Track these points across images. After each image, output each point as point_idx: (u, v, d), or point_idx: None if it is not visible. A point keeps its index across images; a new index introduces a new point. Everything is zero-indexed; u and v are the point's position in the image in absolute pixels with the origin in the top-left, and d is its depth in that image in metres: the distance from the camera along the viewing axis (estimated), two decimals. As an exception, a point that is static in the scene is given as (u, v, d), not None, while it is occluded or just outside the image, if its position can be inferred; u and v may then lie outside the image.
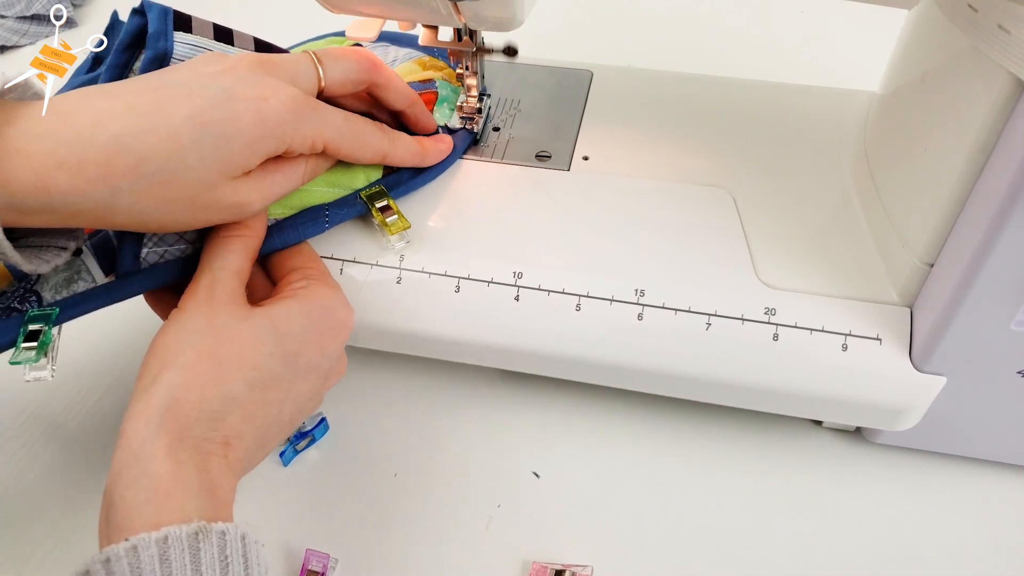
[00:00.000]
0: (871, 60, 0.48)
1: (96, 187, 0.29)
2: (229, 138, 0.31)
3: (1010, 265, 0.31)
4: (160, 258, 0.36)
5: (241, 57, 0.34)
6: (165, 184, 0.30)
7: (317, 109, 0.34)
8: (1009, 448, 0.40)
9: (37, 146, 0.27)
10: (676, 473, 0.42)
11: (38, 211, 0.29)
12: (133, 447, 0.28)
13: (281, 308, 0.33)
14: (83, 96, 0.30)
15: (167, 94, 0.30)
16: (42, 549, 0.39)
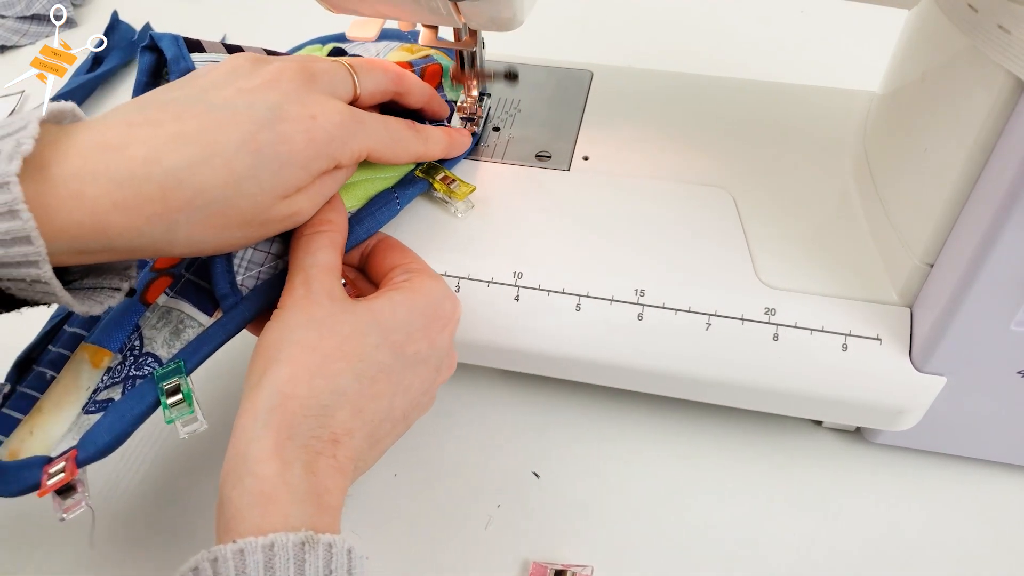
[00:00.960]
0: (871, 60, 0.48)
1: (154, 224, 0.28)
2: (283, 162, 0.31)
3: (1010, 265, 0.31)
4: (257, 280, 0.36)
5: (283, 66, 0.33)
6: (222, 213, 0.30)
7: (362, 122, 0.34)
8: (1009, 448, 0.40)
9: (92, 188, 0.27)
10: (676, 473, 0.42)
11: (98, 251, 0.29)
12: (240, 446, 0.28)
13: (384, 301, 0.33)
14: (127, 124, 0.29)
15: (214, 120, 0.30)
16: (41, 549, 0.39)
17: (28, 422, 0.34)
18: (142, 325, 0.36)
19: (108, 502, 0.41)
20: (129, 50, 0.71)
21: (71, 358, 0.35)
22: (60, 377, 0.35)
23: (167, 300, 0.37)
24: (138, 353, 0.35)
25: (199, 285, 0.37)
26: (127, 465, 0.42)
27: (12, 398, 0.35)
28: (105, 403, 0.34)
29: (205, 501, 0.41)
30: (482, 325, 0.39)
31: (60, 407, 0.34)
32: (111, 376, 0.35)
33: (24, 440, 0.33)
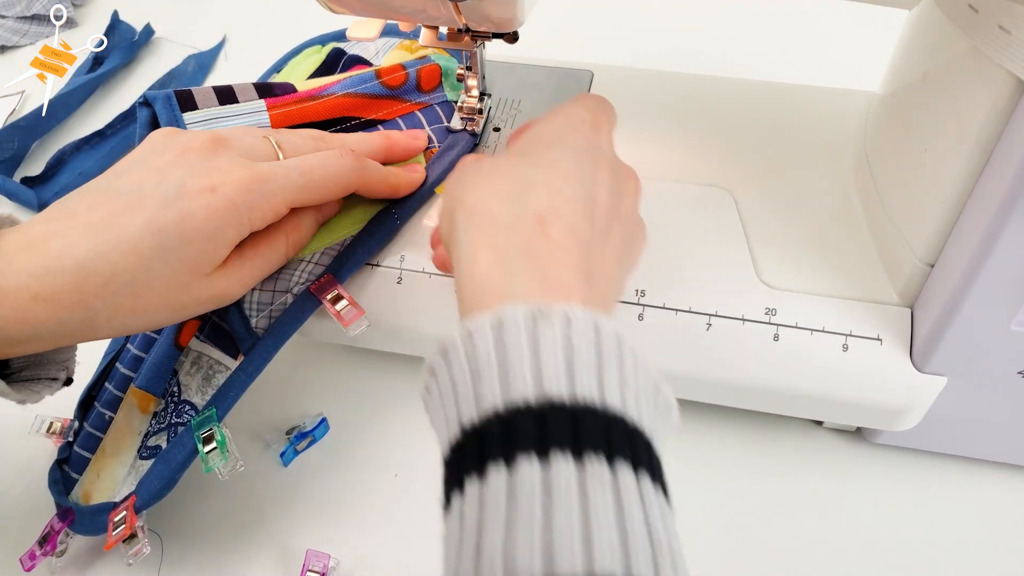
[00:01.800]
0: (871, 60, 0.48)
1: (73, 312, 0.30)
2: (188, 239, 0.31)
3: (1010, 265, 0.31)
4: (269, 319, 0.37)
5: (192, 138, 0.33)
6: (138, 296, 0.31)
7: (269, 179, 0.33)
8: (1009, 448, 0.40)
9: (13, 283, 0.28)
10: (676, 473, 0.41)
11: (25, 341, 0.30)
12: (457, 261, 0.27)
13: (528, 131, 0.32)
14: (49, 219, 0.30)
15: (120, 205, 0.30)
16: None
17: (95, 464, 0.36)
18: (178, 371, 0.38)
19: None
20: (129, 50, 0.71)
21: (123, 402, 0.37)
22: (116, 421, 0.37)
23: (198, 344, 0.38)
24: (177, 400, 0.37)
25: (222, 328, 0.38)
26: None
27: (80, 436, 0.37)
28: (155, 449, 0.36)
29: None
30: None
31: (119, 451, 0.36)
32: (157, 421, 0.37)
33: (93, 483, 0.36)
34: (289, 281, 0.37)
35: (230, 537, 0.39)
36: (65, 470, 0.37)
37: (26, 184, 0.58)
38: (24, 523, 0.39)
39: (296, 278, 0.38)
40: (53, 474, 0.36)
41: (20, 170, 0.62)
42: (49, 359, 0.34)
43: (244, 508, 0.40)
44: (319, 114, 0.41)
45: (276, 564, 0.38)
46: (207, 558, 0.39)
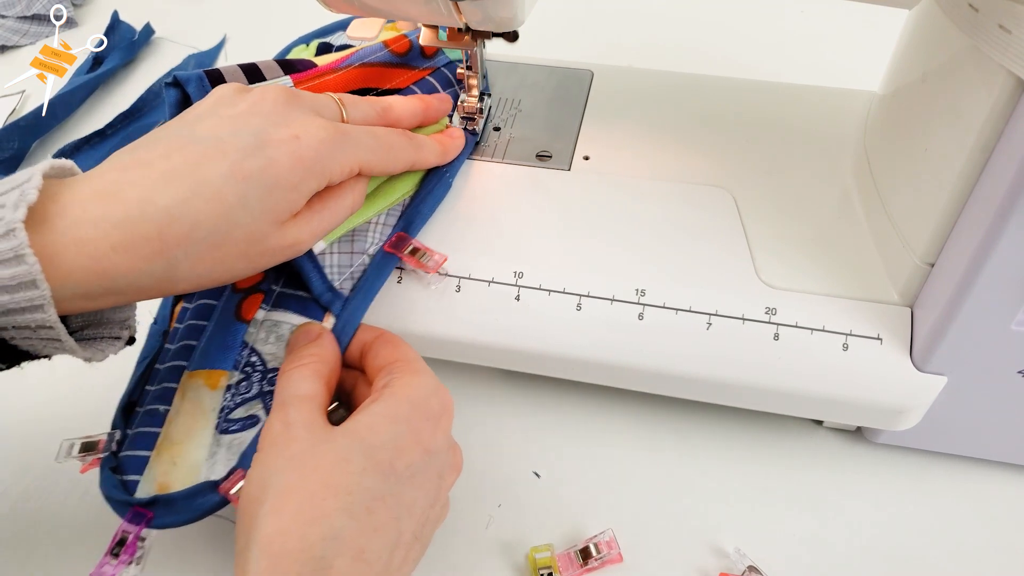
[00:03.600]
0: (871, 60, 0.48)
1: (153, 262, 0.29)
2: (271, 187, 0.31)
3: (1010, 265, 0.31)
4: (353, 280, 0.38)
5: (265, 90, 0.33)
6: (219, 245, 0.30)
7: (349, 135, 0.34)
8: (1009, 448, 0.40)
9: (92, 233, 0.27)
10: (676, 473, 0.42)
11: (103, 294, 0.29)
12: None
13: (364, 417, 0.30)
14: (121, 169, 0.29)
15: (200, 152, 0.30)
16: (39, 551, 0.39)
17: (166, 454, 0.35)
18: (251, 342, 0.37)
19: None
20: (129, 50, 0.71)
21: (180, 388, 0.37)
22: (179, 407, 0.36)
23: (267, 315, 0.38)
24: (264, 369, 0.36)
25: (294, 295, 0.38)
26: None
27: (130, 440, 0.36)
28: (248, 420, 0.35)
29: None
30: (482, 325, 0.39)
31: (192, 434, 0.35)
32: (236, 393, 0.36)
33: (168, 472, 0.34)
34: (364, 243, 0.39)
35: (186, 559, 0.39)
36: (118, 476, 0.36)
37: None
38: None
39: (370, 239, 0.39)
40: (109, 480, 0.35)
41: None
42: (109, 317, 0.33)
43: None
44: (340, 86, 0.42)
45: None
46: (208, 557, 0.39)
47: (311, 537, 0.27)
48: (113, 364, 0.39)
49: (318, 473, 0.28)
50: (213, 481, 0.34)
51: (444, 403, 0.33)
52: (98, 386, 0.41)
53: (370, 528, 0.28)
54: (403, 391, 0.32)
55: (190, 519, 0.33)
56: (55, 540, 0.40)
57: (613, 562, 0.37)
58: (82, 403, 0.45)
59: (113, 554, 0.33)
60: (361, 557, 0.27)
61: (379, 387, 0.32)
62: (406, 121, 0.40)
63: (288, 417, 0.31)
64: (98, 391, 0.41)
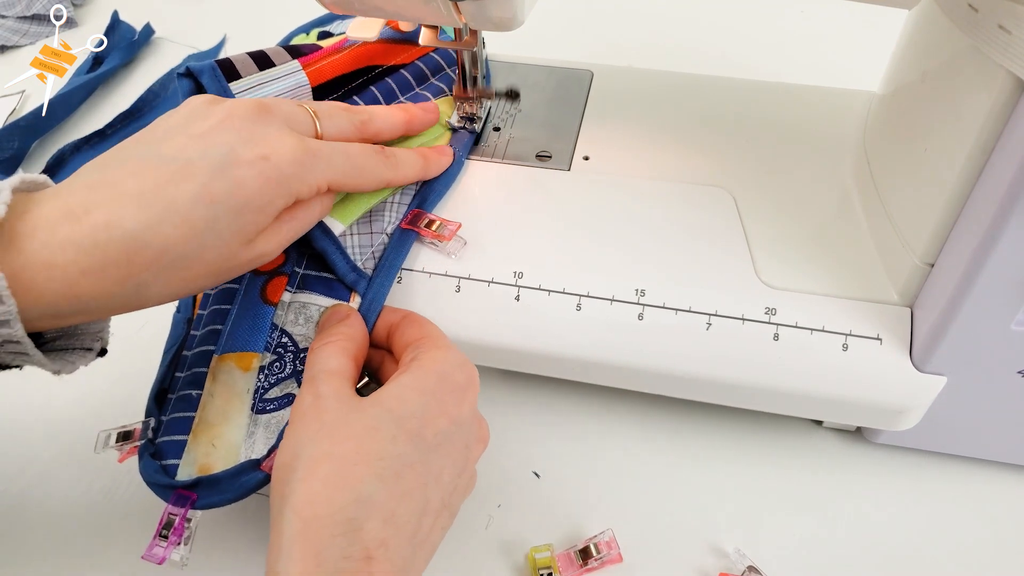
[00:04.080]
0: (871, 60, 0.48)
1: (122, 285, 0.29)
2: (240, 209, 0.30)
3: (1010, 265, 0.31)
4: (375, 259, 0.39)
5: (235, 104, 0.33)
6: (187, 267, 0.30)
7: (319, 155, 0.33)
8: (1009, 448, 0.40)
9: (60, 257, 0.27)
10: (676, 473, 0.42)
11: (71, 314, 0.29)
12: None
13: (392, 389, 0.31)
14: (90, 187, 0.29)
15: (168, 173, 0.29)
16: (39, 551, 0.39)
17: (204, 436, 0.35)
18: (280, 324, 0.38)
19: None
20: (129, 50, 0.71)
21: (211, 372, 0.37)
22: (212, 390, 0.36)
23: (293, 297, 0.38)
24: (296, 350, 0.37)
25: (319, 276, 0.39)
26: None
27: (165, 426, 0.36)
28: (283, 399, 0.36)
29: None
30: (482, 325, 0.39)
31: (228, 416, 0.36)
32: (270, 373, 0.37)
33: (209, 454, 0.35)
34: (382, 223, 0.40)
35: (229, 537, 0.39)
36: (157, 462, 0.36)
37: (26, 184, 0.58)
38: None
39: (388, 218, 0.40)
40: (150, 466, 0.35)
41: (20, 170, 0.61)
42: (82, 330, 0.33)
43: (245, 505, 0.40)
44: (347, 65, 0.43)
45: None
46: (207, 557, 0.39)
47: (342, 501, 0.27)
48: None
49: (349, 440, 0.29)
50: (255, 460, 0.34)
51: (469, 376, 0.33)
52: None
53: (400, 493, 0.29)
54: (430, 364, 0.32)
55: (234, 498, 0.34)
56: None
57: (613, 562, 0.37)
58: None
59: (161, 536, 0.34)
60: (392, 520, 0.28)
61: (406, 361, 0.33)
62: (386, 134, 0.40)
63: (318, 390, 0.31)
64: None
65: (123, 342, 0.37)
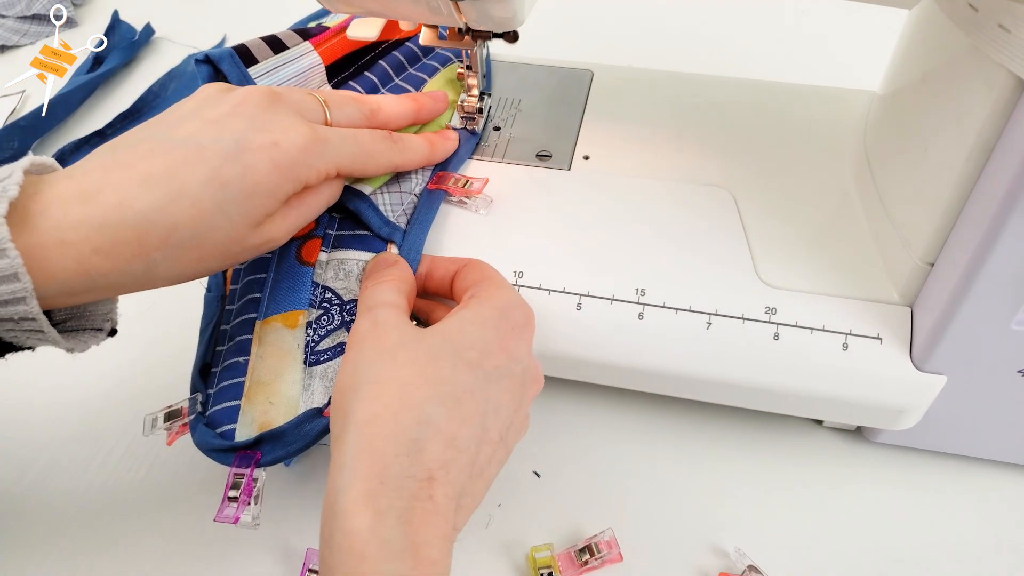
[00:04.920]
0: (871, 60, 0.48)
1: (132, 263, 0.30)
2: (249, 193, 0.31)
3: (1010, 264, 0.31)
4: (407, 215, 0.40)
5: (249, 92, 0.34)
6: (197, 247, 0.31)
7: (328, 142, 0.34)
8: (1009, 448, 0.40)
9: (73, 235, 0.28)
10: (676, 473, 0.42)
11: (85, 291, 0.30)
12: (330, 499, 0.27)
13: (453, 321, 0.32)
14: (102, 168, 0.30)
15: (180, 156, 0.30)
16: (40, 551, 0.39)
17: (260, 395, 0.35)
18: (321, 282, 0.38)
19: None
20: (129, 50, 0.71)
21: (256, 337, 0.37)
22: (261, 352, 0.36)
23: (330, 255, 0.39)
24: (342, 302, 0.37)
25: (355, 234, 0.39)
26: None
27: (214, 396, 0.36)
28: (336, 348, 0.36)
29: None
30: (482, 325, 0.39)
31: (281, 372, 0.36)
32: (319, 327, 0.37)
33: (267, 412, 0.35)
34: (410, 184, 0.41)
35: (230, 536, 0.39)
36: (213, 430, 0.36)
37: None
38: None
39: (415, 180, 0.41)
40: (206, 435, 0.35)
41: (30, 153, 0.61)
42: (92, 311, 0.34)
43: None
44: (356, 42, 0.44)
45: (277, 563, 0.38)
46: (207, 557, 0.39)
47: (405, 421, 0.28)
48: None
49: (410, 365, 0.29)
50: (317, 408, 0.35)
51: (527, 315, 0.34)
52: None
53: (460, 418, 0.29)
54: (489, 301, 0.33)
55: (300, 448, 0.34)
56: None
57: (613, 562, 0.37)
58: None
59: (230, 498, 0.34)
60: (452, 444, 0.28)
61: (465, 299, 0.34)
62: (395, 123, 0.40)
63: (376, 317, 0.32)
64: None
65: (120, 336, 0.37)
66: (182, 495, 0.41)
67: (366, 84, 0.45)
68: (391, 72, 0.47)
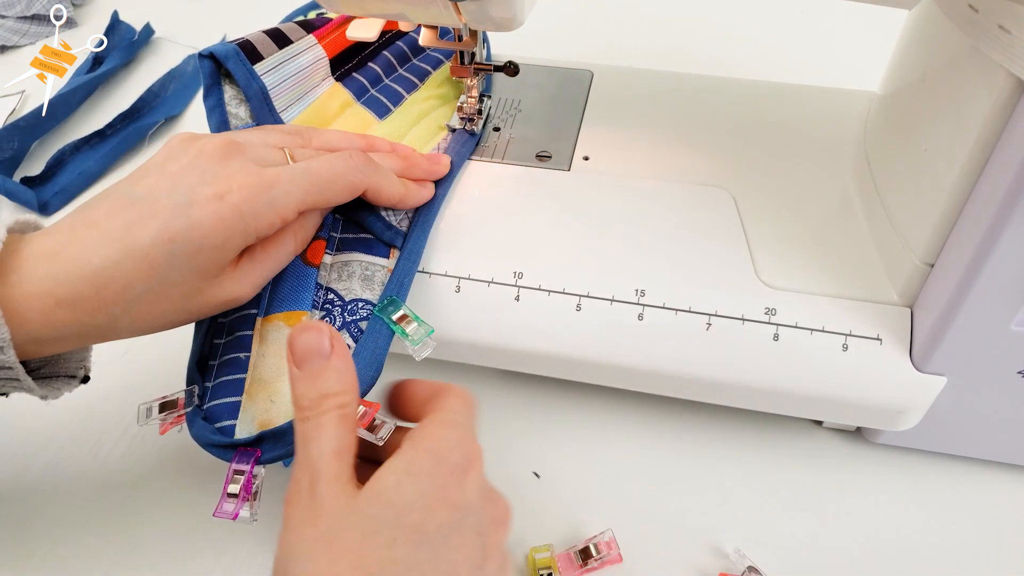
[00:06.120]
0: (871, 60, 0.48)
1: (94, 316, 0.31)
2: (196, 248, 0.31)
3: (1010, 265, 0.31)
4: (409, 219, 0.40)
5: (206, 143, 0.33)
6: (154, 302, 0.32)
7: (275, 186, 0.33)
8: (1009, 448, 0.40)
9: (39, 288, 0.30)
10: (676, 473, 0.42)
11: (51, 342, 0.31)
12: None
13: (387, 476, 0.28)
14: (70, 227, 0.31)
15: (134, 214, 0.31)
16: (41, 550, 0.39)
17: (261, 394, 0.35)
18: (324, 283, 0.38)
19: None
20: (129, 50, 0.71)
21: (256, 334, 0.37)
22: (263, 351, 0.36)
23: (334, 258, 0.39)
24: (343, 302, 0.37)
25: (356, 238, 0.40)
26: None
27: (212, 390, 0.36)
28: None
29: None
30: (482, 325, 0.39)
31: (283, 372, 0.36)
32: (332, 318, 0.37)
33: (269, 410, 0.35)
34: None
35: (231, 536, 0.39)
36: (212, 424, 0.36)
37: (26, 184, 0.58)
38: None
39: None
40: (205, 429, 0.34)
41: (20, 170, 0.61)
42: (66, 358, 0.35)
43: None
44: None
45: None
46: (208, 556, 0.39)
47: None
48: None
49: (349, 552, 0.27)
50: None
51: (467, 453, 0.30)
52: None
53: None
54: (422, 444, 0.29)
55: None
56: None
57: (613, 562, 0.37)
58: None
59: (229, 495, 0.34)
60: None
61: (404, 443, 0.30)
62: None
63: (316, 484, 0.28)
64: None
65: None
66: (182, 495, 0.41)
67: (370, 75, 0.46)
68: (395, 62, 0.47)
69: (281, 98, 0.43)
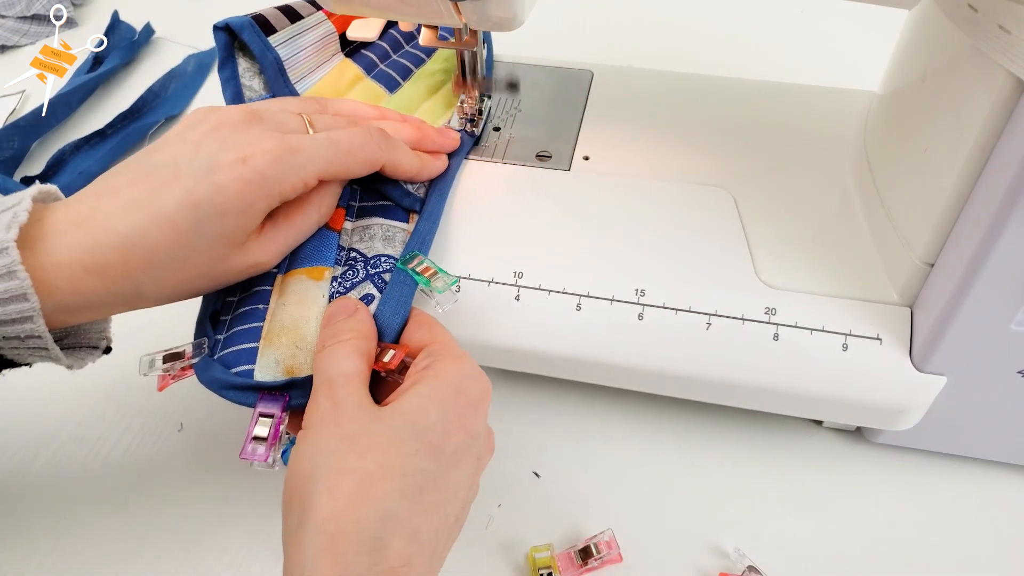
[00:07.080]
0: (871, 60, 0.48)
1: (120, 284, 0.31)
2: (221, 212, 0.31)
3: (1010, 265, 0.31)
4: (427, 186, 0.41)
5: (226, 112, 0.34)
6: (179, 268, 0.32)
7: (299, 151, 0.33)
8: (1009, 448, 0.40)
9: (67, 257, 0.30)
10: (676, 473, 0.42)
11: (78, 310, 0.31)
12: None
13: (412, 399, 0.31)
14: (94, 195, 0.32)
15: (158, 180, 0.31)
16: (41, 550, 0.39)
17: (285, 339, 0.35)
18: (346, 245, 0.39)
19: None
20: (129, 50, 0.71)
21: (276, 288, 0.37)
22: (284, 300, 0.36)
23: (355, 224, 0.40)
24: (367, 258, 0.38)
25: (378, 205, 0.40)
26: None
27: (225, 340, 0.36)
28: (363, 298, 0.36)
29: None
30: (482, 325, 0.39)
31: (306, 320, 0.36)
32: (343, 280, 0.37)
33: (296, 355, 0.35)
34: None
35: (231, 536, 0.39)
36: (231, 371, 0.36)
37: (26, 184, 0.58)
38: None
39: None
40: (222, 374, 0.34)
41: (20, 170, 0.61)
42: (87, 328, 0.35)
43: (244, 507, 0.40)
44: None
45: (276, 562, 0.38)
46: (207, 557, 0.39)
47: (367, 518, 0.27)
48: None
49: (371, 453, 0.29)
50: None
51: (484, 388, 0.33)
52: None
53: (422, 510, 0.29)
54: (446, 375, 0.32)
55: None
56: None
57: (613, 562, 0.37)
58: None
59: (255, 438, 0.33)
60: (415, 537, 0.28)
61: (419, 368, 0.32)
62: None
63: (336, 395, 0.31)
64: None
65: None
66: (183, 493, 0.41)
67: (378, 51, 0.46)
68: (401, 39, 0.47)
69: (295, 69, 0.43)
